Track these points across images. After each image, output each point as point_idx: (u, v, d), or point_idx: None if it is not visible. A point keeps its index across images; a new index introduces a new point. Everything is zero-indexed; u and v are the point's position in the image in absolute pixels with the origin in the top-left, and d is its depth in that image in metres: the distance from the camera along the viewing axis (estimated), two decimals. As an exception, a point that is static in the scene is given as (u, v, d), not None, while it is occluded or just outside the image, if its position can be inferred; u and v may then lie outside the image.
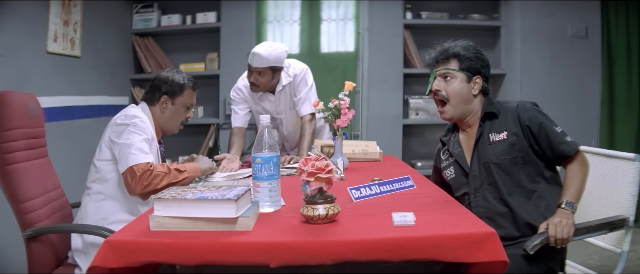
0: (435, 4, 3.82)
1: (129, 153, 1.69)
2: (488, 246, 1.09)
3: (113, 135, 1.77)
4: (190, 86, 1.98)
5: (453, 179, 1.71)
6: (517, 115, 1.59)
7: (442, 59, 1.66)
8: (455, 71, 1.63)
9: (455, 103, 1.64)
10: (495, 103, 1.67)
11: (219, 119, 3.81)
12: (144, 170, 1.66)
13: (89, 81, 3.15)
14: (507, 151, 1.57)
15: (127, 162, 1.68)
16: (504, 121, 1.61)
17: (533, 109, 1.60)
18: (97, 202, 1.79)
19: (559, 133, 1.56)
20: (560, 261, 1.57)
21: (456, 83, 1.63)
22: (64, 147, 2.74)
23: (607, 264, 2.64)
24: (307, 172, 1.18)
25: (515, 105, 1.62)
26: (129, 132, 1.75)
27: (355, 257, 1.08)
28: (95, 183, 1.81)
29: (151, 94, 1.95)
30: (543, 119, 1.58)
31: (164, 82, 1.95)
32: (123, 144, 1.72)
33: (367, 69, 3.77)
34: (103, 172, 1.79)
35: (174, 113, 1.97)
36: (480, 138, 1.63)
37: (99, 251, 1.08)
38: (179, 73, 1.99)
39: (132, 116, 1.81)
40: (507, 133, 1.58)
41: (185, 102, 1.98)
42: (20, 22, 2.52)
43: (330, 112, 2.05)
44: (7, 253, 2.28)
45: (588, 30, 3.62)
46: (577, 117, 3.60)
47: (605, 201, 1.74)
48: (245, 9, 3.74)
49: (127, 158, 1.69)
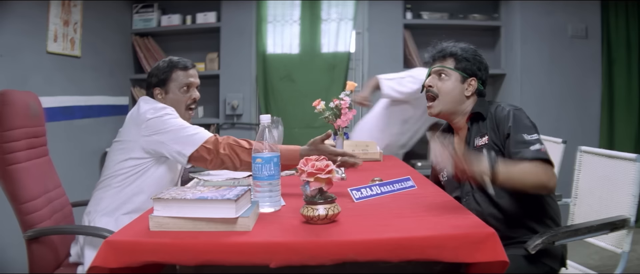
0: (435, 4, 3.81)
1: (189, 135, 1.68)
2: (488, 246, 1.09)
3: (152, 130, 1.70)
4: (179, 67, 1.86)
5: (446, 181, 1.72)
6: (495, 120, 1.55)
7: (440, 56, 1.67)
8: (451, 69, 1.64)
9: (444, 100, 1.64)
10: (488, 105, 1.63)
11: (219, 119, 3.81)
12: (216, 142, 1.67)
13: (89, 81, 3.16)
14: None
15: (195, 143, 1.67)
16: (486, 125, 1.59)
17: (513, 114, 1.51)
18: (118, 192, 1.74)
19: (525, 141, 1.45)
20: (560, 260, 1.57)
21: (450, 82, 1.63)
22: (64, 147, 2.74)
23: (607, 264, 2.64)
24: (307, 173, 1.18)
25: (501, 110, 1.56)
26: (170, 118, 1.72)
27: (355, 257, 1.08)
28: (113, 178, 1.75)
29: (148, 91, 1.90)
30: (518, 124, 1.49)
31: (151, 75, 1.88)
32: (174, 130, 1.69)
33: (367, 69, 3.77)
34: (124, 170, 1.73)
35: (173, 101, 1.86)
36: (469, 142, 1.63)
37: (99, 251, 1.08)
38: (165, 59, 1.89)
39: (162, 107, 1.75)
40: (487, 137, 1.56)
41: (179, 84, 1.86)
42: (20, 22, 2.52)
43: (331, 112, 2.05)
44: (8, 253, 2.28)
45: (588, 30, 3.61)
46: (577, 117, 3.60)
47: (606, 201, 1.74)
48: (245, 9, 3.74)
49: (191, 139, 1.67)
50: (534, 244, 1.38)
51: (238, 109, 3.74)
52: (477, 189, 1.59)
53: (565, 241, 1.51)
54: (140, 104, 1.80)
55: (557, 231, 1.45)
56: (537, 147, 1.44)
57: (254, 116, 3.78)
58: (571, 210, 1.93)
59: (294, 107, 3.75)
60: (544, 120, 3.22)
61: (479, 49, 1.69)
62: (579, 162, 1.92)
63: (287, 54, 3.81)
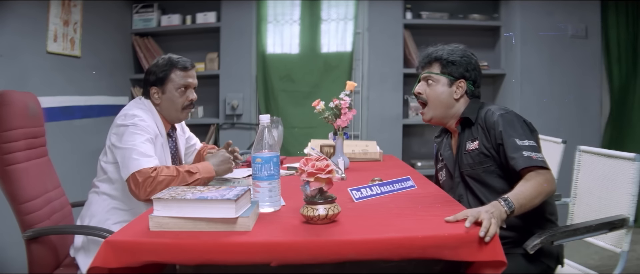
0: (435, 4, 3.81)
1: (131, 159, 1.60)
2: (488, 245, 1.09)
3: (114, 138, 1.70)
4: (178, 67, 1.82)
5: (444, 181, 1.73)
6: (485, 125, 1.54)
7: (426, 63, 1.68)
8: (437, 74, 1.64)
9: (433, 106, 1.64)
10: (479, 109, 1.60)
11: (219, 119, 3.81)
12: (146, 176, 1.56)
13: (89, 81, 3.15)
14: (480, 160, 1.54)
15: (129, 169, 1.59)
16: (477, 128, 1.58)
17: (502, 119, 1.50)
18: (103, 201, 1.77)
19: (517, 146, 1.44)
20: (557, 258, 1.58)
21: (438, 87, 1.64)
22: (64, 147, 2.74)
23: (607, 264, 2.64)
24: (307, 173, 1.18)
25: (491, 114, 1.54)
26: (129, 134, 1.66)
27: (355, 257, 1.08)
28: (103, 183, 1.78)
29: (144, 88, 1.88)
30: (508, 129, 1.48)
31: (150, 73, 1.84)
32: (124, 148, 1.63)
33: (366, 69, 3.77)
34: (109, 173, 1.76)
35: (169, 101, 1.83)
36: (460, 145, 1.63)
37: (99, 251, 1.08)
38: (165, 57, 1.84)
39: (132, 116, 1.72)
40: (478, 142, 1.56)
41: (176, 85, 1.82)
42: (20, 22, 2.52)
43: (331, 112, 2.05)
44: (7, 253, 2.28)
45: (588, 30, 3.61)
46: (577, 117, 3.60)
47: (605, 200, 1.74)
48: (245, 9, 3.74)
49: (129, 164, 1.60)
50: (533, 244, 1.37)
51: (238, 109, 3.74)
52: (468, 193, 1.60)
53: (564, 241, 1.51)
54: (126, 105, 1.82)
55: (556, 231, 1.46)
56: (528, 155, 1.41)
57: (253, 116, 3.78)
58: (570, 210, 1.94)
59: (294, 107, 3.75)
60: (544, 120, 3.22)
61: (470, 48, 1.69)
62: (578, 162, 1.92)
63: (287, 54, 3.81)
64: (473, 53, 1.68)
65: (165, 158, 1.84)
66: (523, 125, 1.50)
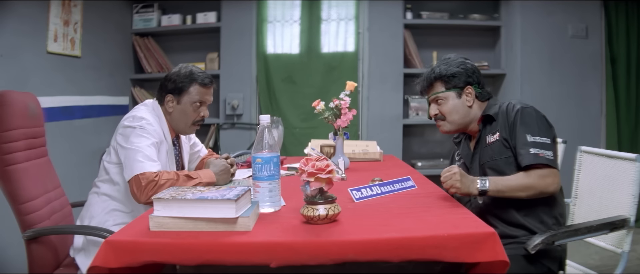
0: (435, 4, 3.81)
1: (135, 160, 1.61)
2: (488, 246, 1.09)
3: (120, 138, 1.70)
4: (199, 82, 1.81)
5: None
6: (506, 117, 1.57)
7: (427, 85, 1.69)
8: (443, 92, 1.65)
9: (452, 120, 1.66)
10: (498, 105, 1.63)
11: (220, 119, 3.81)
12: (149, 180, 1.57)
13: (89, 81, 3.15)
14: (500, 151, 1.56)
15: (132, 171, 1.60)
16: (497, 122, 1.60)
17: (521, 112, 1.53)
18: (103, 202, 1.77)
19: (527, 142, 1.47)
20: (559, 261, 1.57)
21: (449, 102, 1.65)
22: (64, 147, 2.74)
23: (607, 264, 2.64)
24: (308, 173, 1.18)
25: (512, 107, 1.57)
26: (136, 135, 1.66)
27: (355, 257, 1.08)
28: (104, 184, 1.78)
29: (159, 93, 1.86)
30: (523, 123, 1.51)
31: (169, 79, 1.84)
32: (129, 149, 1.63)
33: (367, 69, 3.77)
34: (111, 174, 1.76)
35: (182, 113, 1.82)
36: (480, 141, 1.64)
37: (99, 251, 1.08)
38: (187, 68, 1.83)
39: (140, 118, 1.73)
40: (499, 134, 1.57)
41: (192, 99, 1.81)
42: (20, 22, 2.52)
43: (331, 112, 2.04)
44: (7, 253, 2.27)
45: (588, 30, 3.61)
46: (577, 117, 3.60)
47: (606, 201, 1.74)
48: (245, 9, 3.74)
49: (133, 166, 1.60)
50: (534, 244, 1.37)
51: (238, 109, 3.74)
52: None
53: (565, 241, 1.51)
54: (135, 107, 1.83)
55: (557, 231, 1.45)
56: (535, 152, 1.44)
57: (254, 116, 3.78)
58: (571, 210, 1.93)
59: (294, 107, 3.75)
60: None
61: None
62: (579, 162, 1.92)
63: (287, 54, 3.81)
64: (466, 57, 1.69)
65: (169, 164, 1.84)
66: (539, 121, 1.52)
